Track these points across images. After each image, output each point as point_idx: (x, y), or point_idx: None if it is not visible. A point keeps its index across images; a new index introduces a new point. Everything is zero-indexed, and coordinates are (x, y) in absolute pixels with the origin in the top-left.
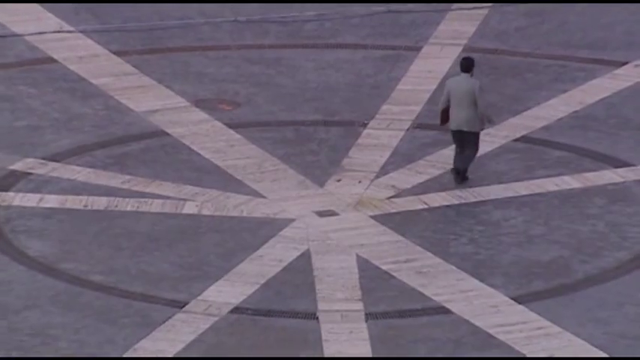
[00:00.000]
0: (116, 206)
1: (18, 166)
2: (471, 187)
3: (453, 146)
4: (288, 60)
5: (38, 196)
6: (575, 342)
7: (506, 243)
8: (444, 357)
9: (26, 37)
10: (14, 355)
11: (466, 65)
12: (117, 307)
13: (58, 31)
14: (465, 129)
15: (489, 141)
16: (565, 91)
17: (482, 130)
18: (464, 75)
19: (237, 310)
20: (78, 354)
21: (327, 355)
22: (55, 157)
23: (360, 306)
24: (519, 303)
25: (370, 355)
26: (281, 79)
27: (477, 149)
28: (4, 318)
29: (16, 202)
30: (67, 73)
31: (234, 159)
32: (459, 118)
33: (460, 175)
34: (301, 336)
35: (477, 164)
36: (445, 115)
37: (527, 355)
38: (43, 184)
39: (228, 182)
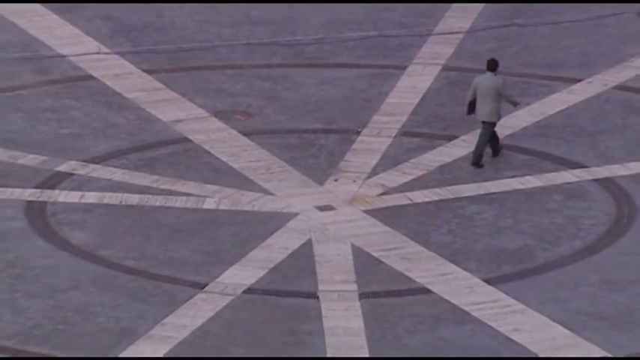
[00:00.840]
0: (146, 202)
1: (62, 167)
2: (448, 185)
3: (438, 148)
4: (293, 77)
5: (80, 193)
6: (538, 318)
7: (479, 233)
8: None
9: (70, 58)
10: (61, 330)
11: (492, 65)
12: (147, 287)
13: (97, 53)
14: (486, 120)
15: (464, 146)
16: (529, 104)
17: (499, 120)
18: (489, 73)
19: (249, 290)
20: (114, 328)
21: (326, 328)
22: (94, 160)
23: (354, 287)
24: (490, 284)
25: (363, 328)
26: (287, 94)
27: (488, 136)
28: (52, 297)
29: (61, 199)
30: (105, 88)
31: (247, 162)
32: (483, 110)
33: (478, 160)
34: (304, 312)
35: (452, 166)
36: (472, 107)
37: (499, 329)
38: (84, 183)
39: (242, 182)
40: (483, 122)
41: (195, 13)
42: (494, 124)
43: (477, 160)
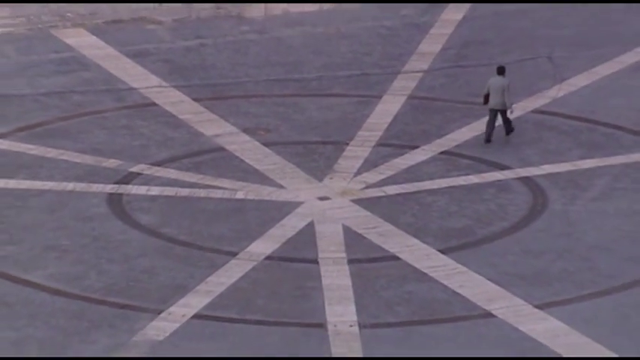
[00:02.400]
0: (194, 194)
1: (134, 169)
2: (412, 182)
3: (405, 155)
4: (300, 104)
5: (146, 187)
6: (476, 277)
7: (434, 216)
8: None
9: (139, 90)
10: (133, 286)
11: (501, 70)
12: (195, 255)
13: (159, 86)
14: (499, 108)
15: (423, 153)
16: (469, 123)
17: (508, 108)
18: (499, 77)
19: (268, 257)
20: (171, 285)
21: (324, 284)
22: (156, 164)
23: (344, 255)
24: (442, 253)
25: (350, 285)
26: (296, 116)
27: (506, 117)
28: (126, 262)
29: (133, 192)
30: (164, 112)
31: (267, 165)
32: (493, 101)
33: (488, 137)
34: (308, 273)
35: (415, 168)
36: (486, 99)
37: (448, 286)
38: (149, 180)
39: (263, 179)
40: (492, 110)
41: (230, 57)
42: (504, 112)
43: (488, 138)
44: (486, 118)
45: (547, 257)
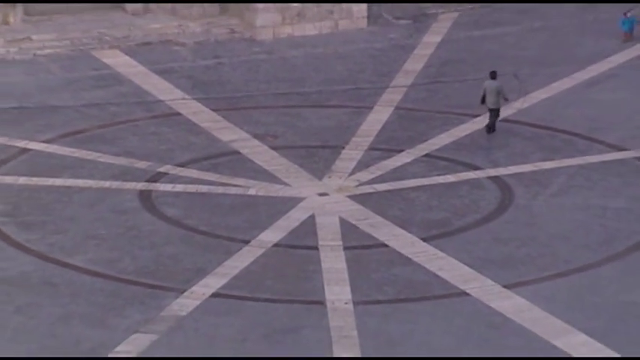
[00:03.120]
0: (212, 191)
1: (161, 169)
2: (398, 180)
3: (392, 157)
4: (303, 114)
5: (171, 185)
6: (453, 262)
7: (417, 210)
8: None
9: (166, 102)
10: (161, 269)
11: (494, 75)
12: (213, 243)
13: (182, 99)
14: (493, 107)
15: (408, 156)
16: (448, 130)
17: (502, 106)
18: (492, 80)
19: (276, 245)
20: (192, 268)
21: (323, 268)
22: (180, 164)
23: (340, 242)
24: (424, 241)
25: (345, 268)
26: (299, 124)
27: (499, 115)
28: (154, 249)
29: (160, 189)
30: (187, 120)
31: (274, 166)
32: (489, 101)
33: (491, 129)
34: (309, 258)
35: (401, 168)
36: (483, 99)
37: (430, 269)
38: (174, 179)
39: (271, 178)
40: (490, 109)
41: (243, 74)
42: (497, 110)
43: (488, 131)
44: (465, 125)
45: (513, 244)
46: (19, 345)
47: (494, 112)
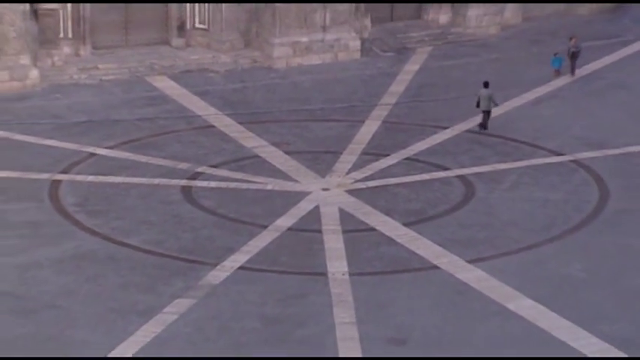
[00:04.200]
0: (239, 186)
1: (199, 169)
2: (385, 178)
3: (380, 160)
4: (310, 127)
5: (207, 182)
6: (428, 243)
7: (400, 201)
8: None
9: (202, 116)
10: (198, 247)
11: (486, 84)
12: (240, 228)
13: (215, 114)
14: (486, 109)
15: (392, 159)
16: (424, 139)
17: (493, 108)
18: (485, 89)
19: (289, 229)
20: (223, 247)
21: (326, 247)
22: (214, 166)
23: (339, 227)
24: (405, 226)
25: (343, 247)
26: (307, 134)
27: (490, 115)
28: (194, 232)
29: (198, 184)
30: (219, 131)
31: (287, 167)
32: (484, 105)
33: (483, 127)
34: (315, 239)
35: (387, 169)
36: (478, 104)
37: (410, 248)
38: (209, 177)
39: (285, 176)
40: (483, 111)
41: (263, 95)
42: (489, 112)
43: (480, 128)
44: (437, 135)
45: (474, 229)
46: (89, 307)
47: (487, 114)
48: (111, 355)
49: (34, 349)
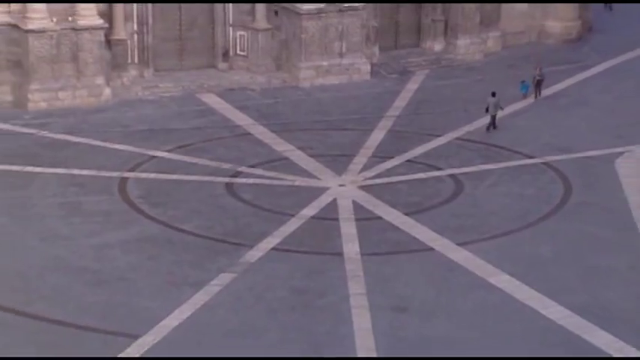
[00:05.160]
0: (272, 183)
1: (239, 169)
2: (389, 177)
3: (386, 162)
4: (330, 135)
5: (246, 179)
6: (424, 229)
7: (401, 195)
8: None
9: (242, 126)
10: (239, 232)
11: (494, 94)
12: (270, 216)
13: (253, 124)
14: (493, 114)
15: (396, 161)
16: (422, 144)
17: (498, 112)
18: (492, 97)
19: (312, 217)
20: (254, 232)
21: (342, 232)
22: (251, 166)
23: (353, 216)
24: (406, 215)
25: (356, 232)
26: (327, 141)
27: (495, 119)
28: (235, 220)
29: (239, 181)
30: (256, 138)
31: (311, 167)
32: (492, 110)
33: (491, 127)
34: (333, 226)
35: (392, 169)
36: (487, 109)
37: (410, 234)
38: (248, 175)
39: (309, 175)
40: (491, 115)
41: (291, 109)
42: (495, 116)
43: (488, 129)
44: (433, 142)
45: (463, 218)
46: (150, 280)
47: (494, 117)
48: (166, 319)
49: (106, 313)
